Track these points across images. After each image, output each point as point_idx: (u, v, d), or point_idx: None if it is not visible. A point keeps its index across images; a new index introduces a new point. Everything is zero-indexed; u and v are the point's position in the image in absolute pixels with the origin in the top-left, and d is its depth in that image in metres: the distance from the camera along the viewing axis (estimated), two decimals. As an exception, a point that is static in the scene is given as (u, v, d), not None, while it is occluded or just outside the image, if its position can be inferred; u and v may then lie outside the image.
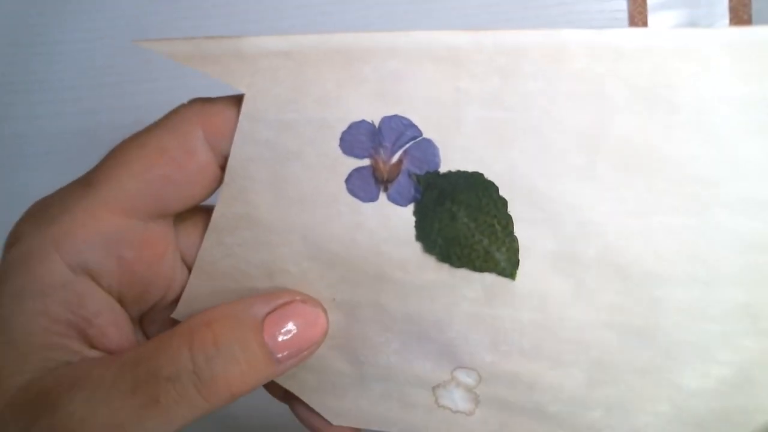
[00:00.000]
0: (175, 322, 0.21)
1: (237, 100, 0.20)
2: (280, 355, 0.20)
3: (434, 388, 0.22)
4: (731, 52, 0.18)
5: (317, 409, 0.23)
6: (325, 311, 0.21)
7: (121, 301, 0.21)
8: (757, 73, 0.18)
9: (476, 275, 0.20)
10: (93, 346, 0.20)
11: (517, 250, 0.20)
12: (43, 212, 0.20)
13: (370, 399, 0.22)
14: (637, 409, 0.20)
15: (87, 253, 0.20)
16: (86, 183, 0.20)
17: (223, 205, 0.21)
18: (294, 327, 0.20)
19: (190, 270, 0.22)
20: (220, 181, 0.21)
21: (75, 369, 0.19)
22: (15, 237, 0.20)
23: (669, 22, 0.38)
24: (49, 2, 0.41)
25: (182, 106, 0.21)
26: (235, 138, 0.20)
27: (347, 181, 0.20)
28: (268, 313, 0.20)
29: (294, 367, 0.20)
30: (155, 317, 0.23)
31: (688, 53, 0.18)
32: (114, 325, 0.21)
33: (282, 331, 0.20)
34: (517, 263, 0.20)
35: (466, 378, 0.21)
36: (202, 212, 0.22)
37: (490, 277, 0.20)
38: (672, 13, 0.38)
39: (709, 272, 0.19)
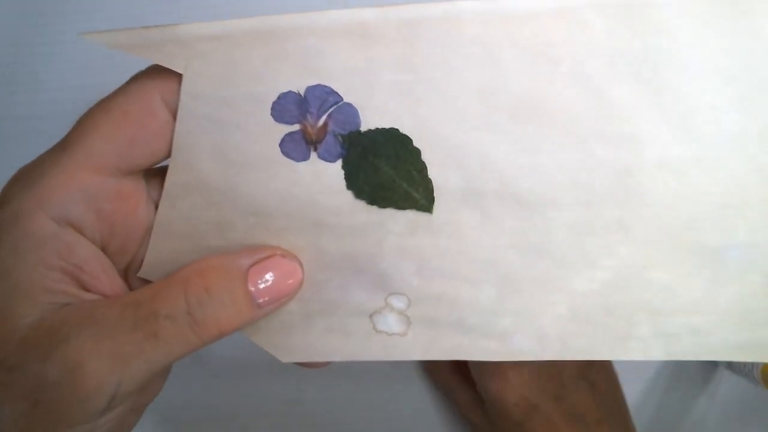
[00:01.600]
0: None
1: None
2: (261, 301, 0.23)
3: (371, 316, 0.25)
4: (601, 12, 0.21)
5: (268, 349, 0.26)
6: (301, 264, 0.24)
7: (105, 252, 0.24)
8: (624, 29, 0.21)
9: (400, 213, 0.24)
10: (88, 290, 0.23)
11: (431, 190, 0.23)
12: (26, 176, 0.23)
13: (315, 334, 0.26)
14: (540, 314, 0.25)
15: (69, 208, 0.22)
16: (61, 148, 0.23)
17: (172, 174, 0.24)
18: (274, 277, 0.23)
19: None
20: None
21: (79, 309, 0.22)
22: (2, 201, 0.23)
23: None
24: (49, 2, 0.41)
25: (140, 74, 0.23)
26: (178, 114, 0.23)
27: (281, 144, 0.23)
28: (252, 265, 0.23)
29: (273, 312, 0.24)
30: (136, 271, 0.26)
31: (564, 14, 0.21)
32: (103, 272, 0.23)
33: (263, 280, 0.23)
34: (432, 200, 0.24)
35: (398, 303, 0.25)
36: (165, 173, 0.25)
37: (411, 214, 0.24)
38: None
39: (589, 195, 0.23)
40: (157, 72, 0.23)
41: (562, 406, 0.33)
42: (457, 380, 0.38)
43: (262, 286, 0.23)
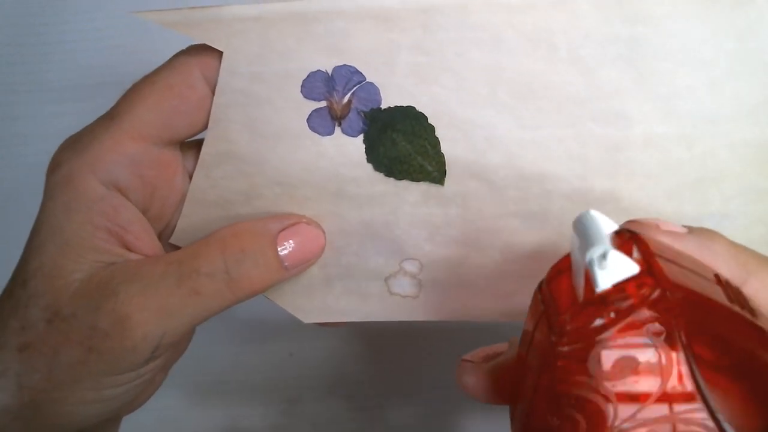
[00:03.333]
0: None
1: None
2: (287, 264, 0.25)
3: (386, 279, 0.28)
4: (595, 3, 0.24)
5: (291, 310, 0.29)
6: (323, 231, 0.27)
7: (145, 216, 0.26)
8: (614, 18, 0.24)
9: (414, 184, 0.26)
10: (130, 250, 0.25)
11: (444, 163, 0.26)
12: (77, 142, 0.25)
13: (334, 295, 0.28)
14: (541, 277, 0.27)
15: (116, 172, 0.25)
16: (110, 117, 0.25)
17: (208, 145, 0.26)
18: (299, 242, 0.26)
19: None
20: None
21: (126, 266, 0.24)
22: (55, 164, 0.25)
23: None
24: (49, 2, 0.42)
25: (181, 52, 0.25)
26: (217, 88, 0.25)
27: (308, 119, 0.26)
28: (280, 230, 0.26)
29: (298, 274, 0.26)
30: (168, 237, 0.28)
31: (562, 4, 0.24)
32: (145, 233, 0.25)
33: (290, 244, 0.25)
34: (444, 173, 0.26)
35: (411, 267, 0.27)
36: (200, 146, 0.27)
37: (425, 185, 0.26)
38: None
39: (584, 168, 0.26)
40: (197, 50, 0.25)
41: None
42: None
43: (288, 250, 0.26)
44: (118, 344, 0.23)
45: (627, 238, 0.18)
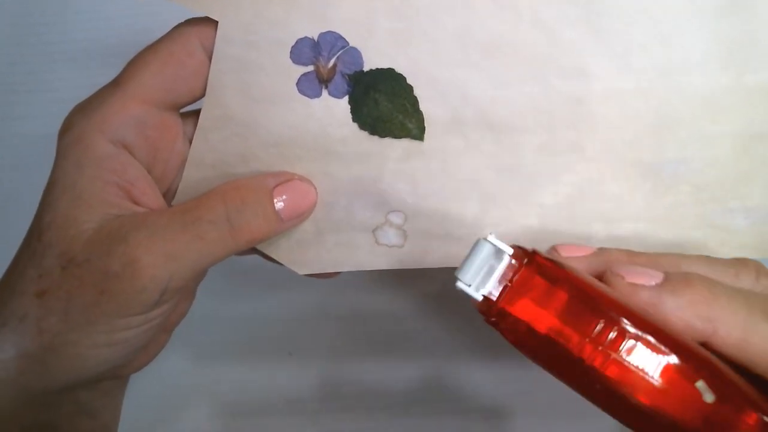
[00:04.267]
0: None
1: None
2: (283, 216, 0.28)
3: (374, 231, 0.30)
4: None
5: (286, 263, 0.31)
6: (314, 187, 0.29)
7: (150, 174, 0.28)
8: None
9: (397, 141, 0.29)
10: (137, 204, 0.27)
11: (422, 121, 0.28)
12: (86, 107, 0.27)
13: (326, 248, 0.30)
14: (515, 225, 0.29)
15: (122, 132, 0.27)
16: (116, 83, 0.27)
17: (206, 109, 0.29)
18: (293, 197, 0.28)
19: None
20: None
21: (134, 216, 0.26)
22: (66, 126, 0.27)
23: None
24: (49, 2, 0.42)
25: (181, 24, 0.28)
26: (213, 56, 0.28)
27: (297, 83, 0.28)
28: (276, 186, 0.28)
29: (292, 227, 0.29)
30: (170, 200, 0.30)
31: None
32: (150, 189, 0.28)
33: (285, 198, 0.28)
34: (423, 129, 0.29)
35: (396, 218, 0.30)
36: (198, 115, 0.29)
37: (406, 142, 0.29)
38: None
39: (550, 120, 0.28)
40: (195, 21, 0.28)
41: None
42: None
43: (283, 203, 0.28)
44: (129, 286, 0.25)
45: (520, 255, 0.22)
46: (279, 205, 0.28)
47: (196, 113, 0.29)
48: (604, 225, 0.29)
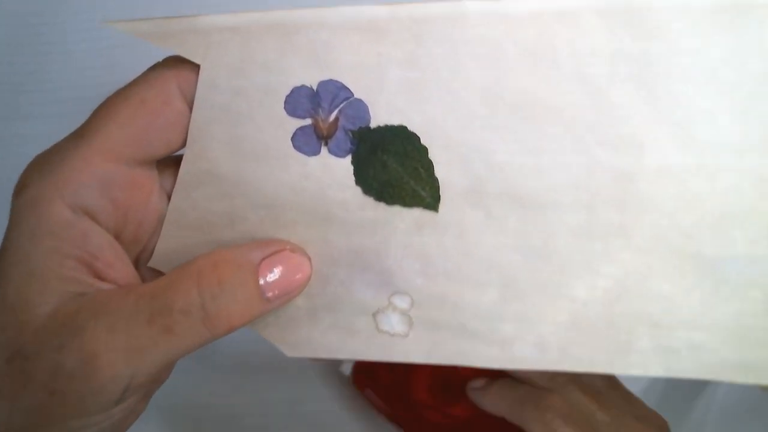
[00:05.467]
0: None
1: None
2: (270, 295, 0.23)
3: (374, 314, 0.25)
4: (602, 15, 0.22)
5: (275, 342, 0.26)
6: (309, 259, 0.25)
7: (118, 241, 0.24)
8: (624, 33, 0.22)
9: (406, 210, 0.24)
10: (102, 279, 0.23)
11: (438, 188, 0.24)
12: (44, 163, 0.23)
13: (319, 329, 0.26)
14: (541, 320, 0.25)
15: (85, 195, 0.23)
16: (79, 135, 0.23)
17: (187, 163, 0.25)
18: (283, 272, 0.24)
19: None
20: None
21: (95, 298, 0.22)
22: (21, 186, 0.23)
23: None
24: (49, 2, 0.42)
25: (157, 64, 0.24)
26: (195, 103, 0.24)
27: (293, 138, 0.24)
28: (262, 259, 0.23)
29: (281, 307, 0.24)
30: (146, 260, 0.26)
31: (566, 16, 0.22)
32: (117, 260, 0.24)
33: (273, 275, 0.23)
34: (438, 198, 0.24)
35: (401, 302, 0.25)
36: (179, 163, 0.25)
37: (417, 211, 0.24)
38: None
39: (590, 198, 0.23)
40: (174, 62, 0.24)
41: None
42: None
43: (271, 279, 0.24)
44: (84, 386, 0.21)
45: None
46: (265, 282, 0.23)
47: (177, 161, 0.25)
48: (649, 331, 0.24)
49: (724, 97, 0.22)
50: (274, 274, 0.24)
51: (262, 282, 0.23)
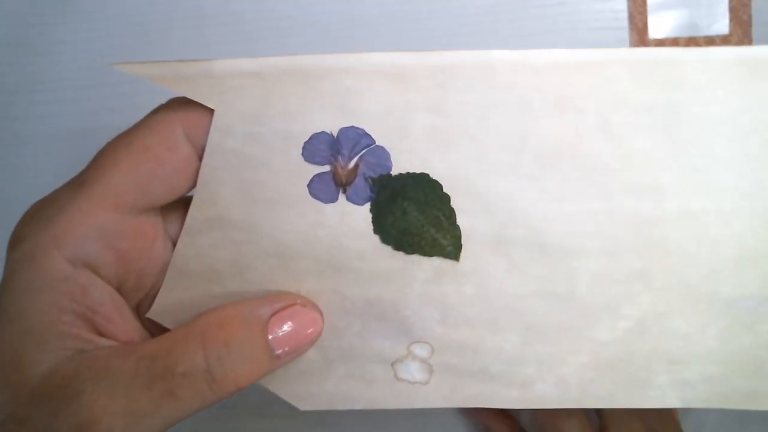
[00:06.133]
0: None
1: None
2: (279, 352, 0.22)
3: (393, 364, 0.25)
4: (628, 66, 0.22)
5: (285, 397, 0.25)
6: (321, 313, 0.24)
7: (120, 290, 0.23)
8: (648, 83, 0.22)
9: (426, 259, 0.24)
10: (102, 334, 0.22)
11: (459, 237, 0.23)
12: (41, 213, 0.22)
13: (334, 381, 0.25)
14: (562, 362, 0.24)
15: (85, 247, 0.21)
16: (79, 183, 0.22)
17: (195, 209, 0.23)
18: (293, 328, 0.23)
19: None
20: None
21: (93, 358, 0.21)
22: (17, 238, 0.21)
23: (669, 22, 0.37)
24: (49, 2, 0.41)
25: (162, 107, 0.23)
26: (206, 149, 0.22)
27: (309, 185, 0.23)
28: (272, 315, 0.22)
29: (290, 362, 0.23)
30: (147, 307, 0.24)
31: (590, 67, 0.22)
32: (117, 313, 0.22)
33: (283, 331, 0.22)
34: (460, 247, 0.23)
35: (421, 351, 0.25)
36: (188, 202, 0.24)
37: (437, 260, 0.24)
38: (672, 13, 0.37)
39: (613, 245, 0.23)
40: (179, 104, 0.22)
41: None
42: (496, 415, 0.37)
43: (281, 335, 0.22)
44: None
45: None
46: (275, 338, 0.22)
47: (182, 204, 0.24)
48: (667, 367, 0.24)
49: (740, 145, 0.23)
50: (284, 330, 0.23)
51: (271, 338, 0.22)
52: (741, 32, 0.36)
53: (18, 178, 0.41)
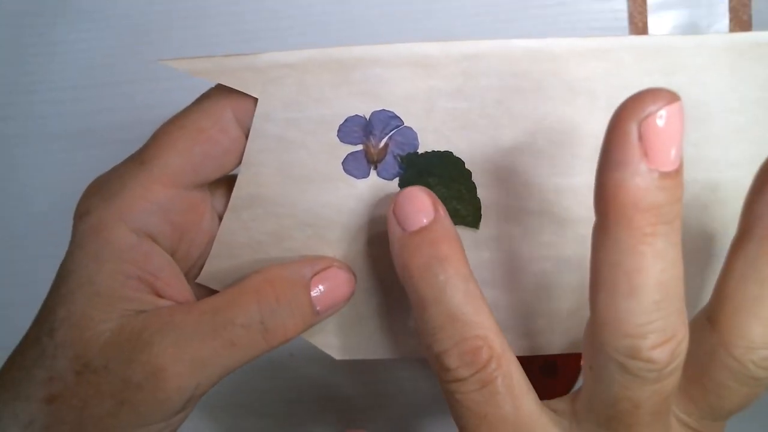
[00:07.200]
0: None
1: None
2: (319, 308, 0.25)
3: None
4: (634, 52, 0.24)
5: (323, 348, 0.28)
6: (354, 275, 0.27)
7: (174, 258, 0.25)
8: (653, 67, 0.24)
9: None
10: (161, 296, 0.24)
11: (479, 208, 0.26)
12: (106, 188, 0.24)
13: (365, 334, 0.28)
14: (570, 315, 0.27)
15: (147, 220, 0.24)
16: (139, 161, 0.24)
17: (238, 188, 0.25)
18: (330, 287, 0.25)
19: None
20: None
21: (158, 314, 0.23)
22: (84, 210, 0.24)
23: (669, 22, 0.38)
24: (49, 2, 0.41)
25: (212, 91, 0.25)
26: (250, 134, 0.24)
27: (344, 162, 0.25)
28: (313, 275, 0.25)
29: (327, 318, 0.26)
30: (194, 276, 0.27)
31: (602, 54, 0.24)
32: (175, 278, 0.25)
33: (322, 289, 0.25)
34: (479, 218, 0.26)
35: None
36: (230, 179, 0.26)
37: (459, 229, 0.26)
38: (672, 13, 0.37)
39: None
40: (229, 90, 0.24)
41: None
42: None
43: (320, 294, 0.25)
44: (152, 396, 0.23)
45: None
46: (315, 295, 0.25)
47: (225, 182, 0.26)
48: None
49: (728, 121, 0.25)
50: (322, 289, 0.25)
51: (313, 295, 0.25)
52: (741, 32, 0.37)
53: (18, 178, 0.41)
